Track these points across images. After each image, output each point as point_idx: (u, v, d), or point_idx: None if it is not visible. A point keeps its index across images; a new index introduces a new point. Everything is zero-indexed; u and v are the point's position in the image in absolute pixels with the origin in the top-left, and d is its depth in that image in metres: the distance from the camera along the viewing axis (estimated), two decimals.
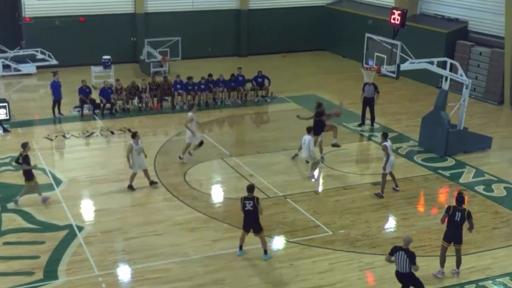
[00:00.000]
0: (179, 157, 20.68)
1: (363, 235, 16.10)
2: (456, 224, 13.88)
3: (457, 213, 13.90)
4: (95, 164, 20.44)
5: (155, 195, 18.26)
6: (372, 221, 16.88)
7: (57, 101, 25.13)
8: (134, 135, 18.29)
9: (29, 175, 17.50)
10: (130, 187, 18.53)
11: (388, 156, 18.21)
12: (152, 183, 18.67)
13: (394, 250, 12.88)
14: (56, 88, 25.01)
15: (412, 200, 18.24)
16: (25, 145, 17.57)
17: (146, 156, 18.74)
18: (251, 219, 14.66)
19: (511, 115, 26.71)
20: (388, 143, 18.31)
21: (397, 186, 18.73)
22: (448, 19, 30.90)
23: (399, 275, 12.92)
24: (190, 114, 20.58)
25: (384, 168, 18.21)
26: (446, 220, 14.02)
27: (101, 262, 14.60)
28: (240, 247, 15.11)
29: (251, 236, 15.43)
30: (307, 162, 19.97)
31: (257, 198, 14.60)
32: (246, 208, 14.59)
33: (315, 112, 20.85)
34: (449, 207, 14.04)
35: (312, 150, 19.33)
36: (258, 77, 27.92)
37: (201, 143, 20.72)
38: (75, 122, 24.67)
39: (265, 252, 15.01)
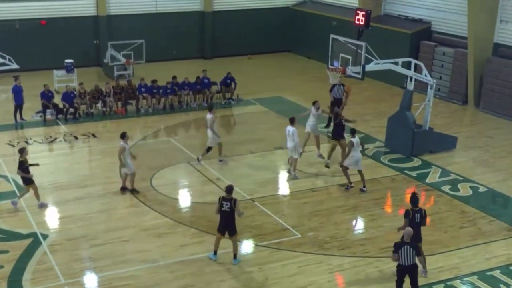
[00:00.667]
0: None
1: (331, 237, 16.20)
2: (417, 225, 14.03)
3: (416, 215, 14.04)
4: (59, 170, 20.18)
5: (121, 201, 18.10)
6: (340, 223, 16.99)
7: (19, 106, 24.75)
8: (124, 136, 18.18)
9: (27, 180, 17.36)
10: (134, 190, 18.41)
11: (349, 152, 18.61)
12: (134, 190, 18.50)
13: (398, 247, 12.84)
14: (18, 93, 24.65)
15: (379, 201, 18.41)
16: (22, 151, 17.43)
17: (135, 158, 18.58)
18: (227, 221, 14.64)
19: (475, 115, 27.16)
20: (355, 140, 18.52)
21: (364, 187, 18.90)
22: (412, 20, 31.29)
23: (405, 269, 12.91)
24: (211, 116, 20.39)
25: (342, 162, 18.82)
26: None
27: (67, 271, 14.42)
28: (215, 252, 15.05)
29: (222, 241, 15.42)
30: (292, 156, 19.80)
31: (235, 200, 14.57)
32: (223, 209, 14.56)
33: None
34: (407, 212, 14.07)
35: (297, 142, 19.43)
36: (227, 79, 27.91)
37: (209, 149, 20.70)
38: (38, 127, 24.32)
39: (235, 256, 14.98)
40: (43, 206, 17.54)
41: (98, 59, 33.29)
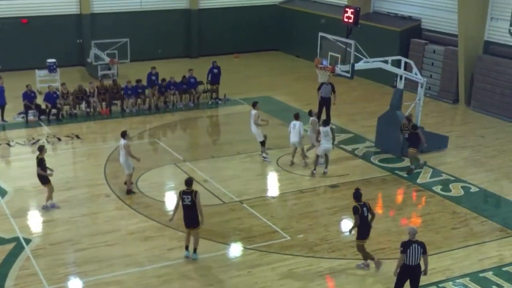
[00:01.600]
0: (264, 158, 21.12)
1: (321, 239, 16.20)
2: (365, 220, 14.29)
3: (364, 208, 14.27)
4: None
5: (106, 204, 18.01)
6: (330, 225, 17.00)
7: (0, 107, 24.58)
8: (125, 134, 18.36)
9: (44, 179, 17.42)
10: (130, 192, 18.45)
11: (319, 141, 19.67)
12: (129, 192, 18.54)
13: (407, 246, 12.76)
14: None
15: (370, 202, 18.20)
16: (41, 149, 17.59)
17: (138, 160, 18.66)
18: (190, 214, 14.73)
19: (466, 114, 27.29)
20: (323, 129, 19.61)
21: (326, 168, 20.02)
22: (402, 17, 31.40)
23: (411, 269, 12.87)
24: (255, 111, 20.90)
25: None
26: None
27: (51, 276, 14.31)
28: (186, 247, 15.14)
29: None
30: (295, 147, 20.67)
31: (196, 192, 14.65)
32: (184, 203, 14.65)
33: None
34: (356, 207, 14.24)
35: (302, 135, 20.30)
36: (214, 68, 27.86)
37: (263, 142, 21.25)
38: (20, 129, 24.18)
39: (195, 250, 15.07)
40: (54, 207, 17.55)
41: (82, 59, 33.13)
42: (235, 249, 15.82)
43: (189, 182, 14.79)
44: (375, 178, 20.12)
